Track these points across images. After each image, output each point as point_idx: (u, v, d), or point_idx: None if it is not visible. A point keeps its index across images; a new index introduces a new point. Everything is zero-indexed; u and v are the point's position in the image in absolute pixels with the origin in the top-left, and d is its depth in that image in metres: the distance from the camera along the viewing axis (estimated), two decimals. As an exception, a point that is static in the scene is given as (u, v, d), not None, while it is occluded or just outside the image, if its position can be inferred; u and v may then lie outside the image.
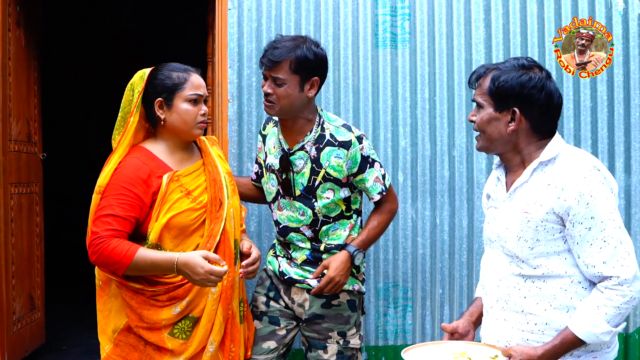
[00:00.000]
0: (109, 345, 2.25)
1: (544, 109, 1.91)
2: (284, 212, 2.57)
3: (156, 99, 2.26)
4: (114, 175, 2.20)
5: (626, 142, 3.47)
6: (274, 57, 2.39)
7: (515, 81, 1.89)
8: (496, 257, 2.00)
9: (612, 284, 1.80)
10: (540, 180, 1.91)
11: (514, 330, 1.93)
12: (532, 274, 1.91)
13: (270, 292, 2.62)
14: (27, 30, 3.83)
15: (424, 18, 3.43)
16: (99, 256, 2.10)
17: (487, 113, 1.94)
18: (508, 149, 1.97)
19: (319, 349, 2.56)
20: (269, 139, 2.63)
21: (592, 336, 1.80)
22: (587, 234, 1.82)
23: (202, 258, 2.07)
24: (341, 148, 2.50)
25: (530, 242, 1.89)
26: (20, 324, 3.73)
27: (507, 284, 1.95)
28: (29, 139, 3.89)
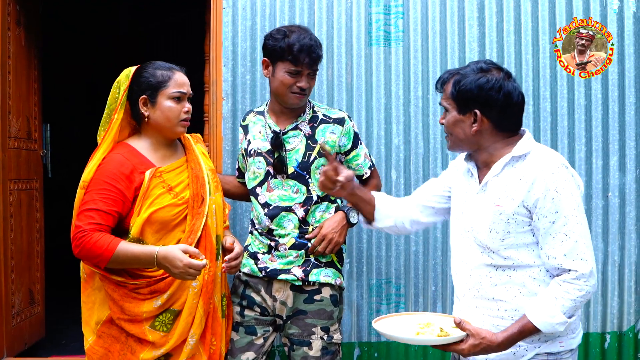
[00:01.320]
0: (92, 337, 2.30)
1: (504, 108, 2.00)
2: (275, 192, 2.59)
3: (140, 96, 2.30)
4: (98, 171, 2.24)
5: (621, 140, 3.46)
6: (318, 55, 2.55)
7: (474, 84, 1.99)
8: (467, 247, 2.08)
9: (570, 277, 1.90)
10: (511, 174, 1.99)
11: (485, 316, 2.03)
12: (502, 264, 2.00)
13: (244, 300, 2.62)
14: (27, 29, 3.88)
15: (417, 16, 3.44)
16: (82, 249, 2.15)
17: (452, 116, 2.05)
18: (474, 148, 2.07)
19: (304, 346, 2.57)
20: (252, 127, 2.71)
21: (549, 326, 1.90)
22: (550, 227, 1.92)
23: (181, 252, 2.11)
24: (336, 124, 2.64)
25: (502, 234, 1.98)
26: (20, 318, 3.78)
27: (478, 273, 2.04)
28: (28, 136, 3.94)
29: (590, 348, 3.46)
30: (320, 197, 2.61)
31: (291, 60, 2.49)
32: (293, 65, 2.50)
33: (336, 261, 2.66)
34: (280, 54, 2.52)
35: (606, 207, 3.46)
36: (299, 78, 2.52)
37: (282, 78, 2.53)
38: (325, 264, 2.62)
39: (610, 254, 3.45)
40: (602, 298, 3.46)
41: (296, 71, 2.51)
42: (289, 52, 2.49)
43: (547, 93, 3.45)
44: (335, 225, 2.56)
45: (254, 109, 2.83)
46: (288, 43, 2.49)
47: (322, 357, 2.57)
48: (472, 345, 1.89)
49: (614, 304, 3.46)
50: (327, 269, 2.62)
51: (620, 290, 3.46)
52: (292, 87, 2.53)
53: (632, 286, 3.46)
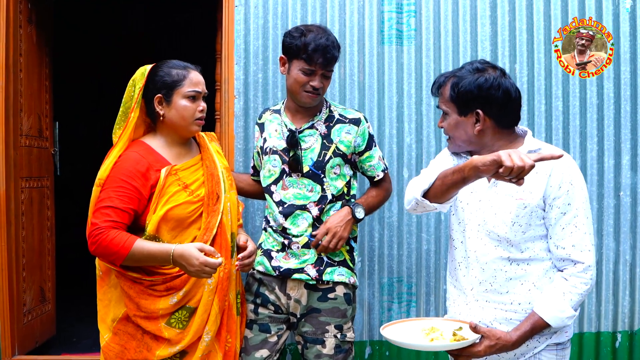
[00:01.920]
0: (108, 334, 2.30)
1: (504, 105, 2.03)
2: (290, 190, 2.60)
3: (156, 95, 2.31)
4: (114, 169, 2.25)
5: (633, 139, 3.46)
6: (333, 56, 2.55)
7: (473, 85, 2.00)
8: (479, 240, 2.08)
9: (576, 271, 1.96)
10: None
11: (497, 310, 2.05)
12: (518, 257, 2.03)
13: (258, 298, 2.62)
14: (38, 27, 3.88)
15: (429, 15, 3.44)
16: (98, 246, 2.16)
17: (453, 118, 2.06)
18: (478, 147, 2.08)
19: (317, 344, 2.57)
20: (268, 125, 2.72)
21: (559, 320, 1.96)
22: (561, 217, 1.97)
23: (197, 250, 2.12)
24: (352, 124, 2.65)
25: (524, 226, 2.01)
26: (31, 316, 3.79)
27: (492, 266, 2.05)
28: (40, 134, 3.95)
29: (602, 347, 3.45)
30: (335, 196, 2.62)
31: (305, 59, 2.50)
32: (307, 64, 2.51)
33: (349, 260, 2.66)
34: (295, 52, 2.53)
35: (618, 207, 3.45)
36: (312, 77, 2.53)
37: (296, 76, 2.54)
38: (338, 263, 2.62)
39: (621, 253, 3.45)
40: (614, 297, 3.45)
41: (310, 70, 2.52)
42: (304, 50, 2.50)
43: (559, 92, 3.44)
44: (339, 220, 2.57)
45: (271, 107, 2.84)
46: (304, 42, 2.50)
47: (335, 355, 2.58)
48: (488, 346, 1.91)
49: (625, 303, 3.46)
50: (341, 268, 2.62)
51: (631, 289, 3.46)
52: (305, 85, 2.54)
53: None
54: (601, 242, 3.45)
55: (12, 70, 3.53)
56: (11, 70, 3.52)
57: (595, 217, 3.44)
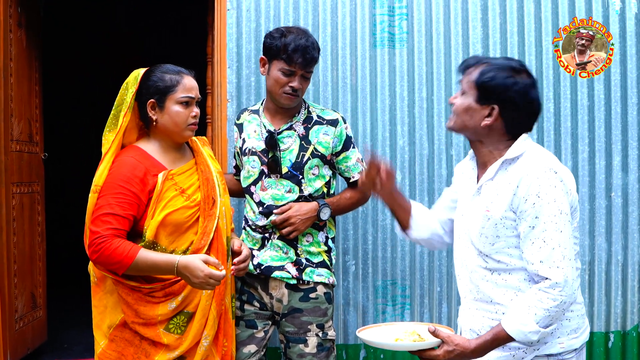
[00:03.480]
0: (104, 341, 2.28)
1: (522, 113, 1.98)
2: (269, 190, 2.62)
3: (149, 100, 2.29)
4: (111, 174, 2.23)
5: (623, 140, 3.48)
6: (313, 56, 2.55)
7: (501, 81, 1.94)
8: (466, 249, 2.08)
9: (544, 286, 1.86)
10: (503, 178, 1.97)
11: (485, 319, 2.02)
12: (496, 267, 1.99)
13: (243, 295, 2.65)
14: (28, 31, 3.86)
15: (421, 18, 3.45)
16: (100, 255, 2.13)
17: (468, 102, 2.00)
18: (476, 139, 2.04)
19: (300, 343, 2.61)
20: (247, 126, 2.73)
21: (521, 334, 1.85)
22: (530, 232, 1.89)
23: (202, 262, 2.11)
24: (329, 125, 2.66)
25: (491, 238, 1.97)
26: (23, 322, 3.76)
27: (476, 276, 2.04)
28: (30, 139, 3.92)
29: (594, 347, 3.48)
30: (314, 196, 2.64)
31: (285, 60, 2.51)
32: (287, 64, 2.52)
33: (327, 261, 2.70)
34: (275, 52, 2.54)
35: (609, 207, 3.48)
36: (292, 78, 2.54)
37: (276, 77, 2.55)
38: (316, 265, 2.66)
39: (613, 253, 3.47)
40: (606, 297, 3.48)
41: (289, 71, 2.53)
42: (283, 51, 2.51)
43: (550, 94, 3.46)
44: (302, 213, 2.57)
45: (249, 107, 2.86)
46: (284, 42, 2.51)
47: (318, 353, 2.62)
48: (447, 351, 1.87)
49: (617, 304, 3.48)
50: (320, 269, 2.66)
51: (623, 289, 3.48)
52: (284, 87, 2.55)
53: (636, 285, 3.48)
54: (593, 243, 3.47)
55: (2, 74, 3.51)
56: (1, 75, 3.50)
57: (587, 218, 3.46)
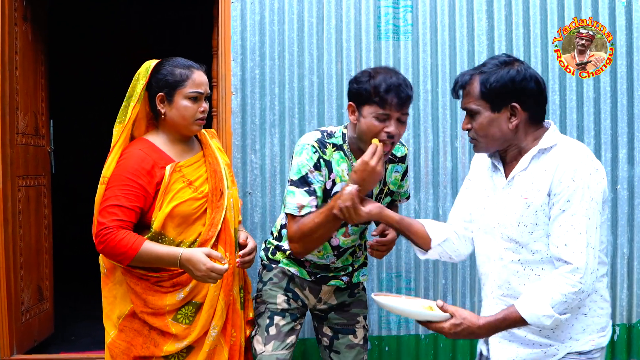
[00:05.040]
0: (114, 331, 2.30)
1: (537, 96, 1.96)
2: (352, 236, 2.53)
3: (158, 93, 2.30)
4: (118, 166, 2.24)
5: (629, 133, 3.47)
6: (408, 95, 2.29)
7: (506, 78, 1.93)
8: (494, 244, 2.03)
9: (565, 271, 1.84)
10: (537, 167, 1.95)
11: None
12: (530, 259, 1.95)
13: (289, 292, 2.57)
14: (33, 24, 3.86)
15: (426, 10, 3.44)
16: (106, 246, 2.16)
17: (486, 116, 1.96)
18: (508, 144, 2.00)
19: (349, 334, 2.62)
20: (338, 165, 2.41)
21: (534, 317, 1.84)
22: (559, 214, 1.88)
23: (204, 255, 2.13)
24: (400, 163, 2.58)
25: (530, 226, 1.93)
26: (29, 315, 3.78)
27: (507, 271, 1.99)
28: (36, 132, 3.93)
29: (600, 340, 3.47)
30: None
31: (378, 103, 2.25)
32: (380, 107, 2.25)
33: (365, 259, 2.73)
34: (366, 96, 2.28)
35: (615, 200, 3.47)
36: (387, 123, 2.27)
37: (369, 124, 2.27)
38: (360, 265, 2.69)
39: (619, 246, 3.46)
40: (612, 290, 3.46)
41: (384, 115, 2.26)
42: (374, 93, 2.25)
43: (555, 86, 3.45)
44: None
45: (326, 137, 2.43)
46: (374, 84, 2.26)
47: (364, 344, 2.65)
48: (453, 324, 1.87)
49: (623, 296, 3.47)
50: (363, 269, 2.71)
51: (629, 282, 3.47)
52: (380, 134, 2.27)
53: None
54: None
55: (7, 68, 3.51)
56: (7, 68, 3.50)
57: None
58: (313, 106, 3.42)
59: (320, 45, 3.42)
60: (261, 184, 3.41)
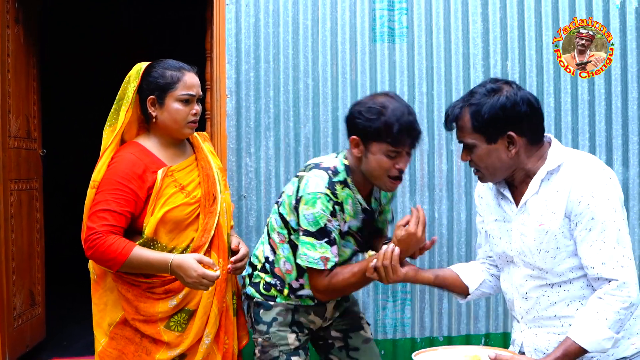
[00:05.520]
0: (105, 339, 2.26)
1: (532, 119, 1.90)
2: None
3: (149, 96, 2.26)
4: (109, 170, 2.20)
5: (624, 135, 3.48)
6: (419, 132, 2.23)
7: (496, 107, 1.86)
8: (517, 270, 1.98)
9: (610, 288, 1.78)
10: (549, 189, 1.90)
11: (551, 335, 1.93)
12: (557, 281, 1.90)
13: (294, 326, 2.45)
14: (26, 27, 3.83)
15: (421, 12, 3.44)
16: (95, 252, 2.12)
17: (483, 149, 1.91)
18: (512, 171, 1.95)
19: (360, 330, 2.57)
20: (347, 204, 2.32)
21: (594, 344, 1.77)
22: (587, 235, 1.82)
23: (196, 261, 2.09)
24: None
25: (552, 251, 1.88)
26: (21, 320, 3.74)
27: (534, 294, 1.94)
28: (28, 135, 3.90)
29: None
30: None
31: (390, 142, 2.17)
32: (392, 146, 2.17)
33: None
34: (375, 134, 2.18)
35: (610, 202, 3.46)
36: (398, 159, 2.21)
37: (379, 161, 2.20)
38: None
39: (614, 248, 3.46)
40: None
41: (395, 152, 2.19)
42: (386, 133, 2.15)
43: (550, 89, 3.46)
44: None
45: (332, 175, 2.29)
46: (385, 122, 2.15)
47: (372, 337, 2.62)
48: None
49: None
50: None
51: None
52: (390, 170, 2.21)
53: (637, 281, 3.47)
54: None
55: None
56: (-2, 71, 3.48)
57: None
58: (308, 109, 3.41)
59: (315, 48, 3.41)
60: (256, 188, 3.39)
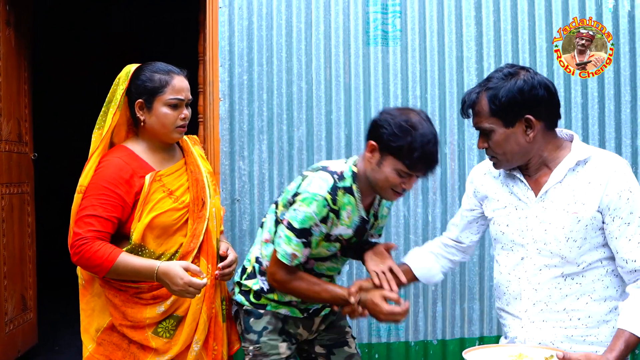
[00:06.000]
0: (92, 345, 2.23)
1: (549, 103, 1.90)
2: (327, 264, 2.40)
3: (137, 99, 2.23)
4: (96, 175, 2.17)
5: (617, 138, 3.48)
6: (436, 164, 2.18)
7: (514, 91, 1.86)
8: (529, 261, 1.97)
9: None
10: (576, 180, 1.90)
11: (556, 329, 1.94)
12: (573, 272, 1.91)
13: (285, 335, 2.43)
14: (17, 30, 3.81)
15: (414, 15, 3.43)
16: (81, 258, 2.09)
17: (500, 133, 1.90)
18: (531, 156, 1.94)
19: (344, 346, 2.52)
20: (344, 210, 2.26)
21: None
22: (626, 229, 1.84)
23: (182, 269, 2.06)
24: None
25: (580, 241, 1.88)
26: (13, 325, 3.72)
27: (546, 286, 1.94)
28: (19, 139, 3.88)
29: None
30: None
31: (407, 164, 2.12)
32: (407, 168, 2.13)
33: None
34: (396, 150, 2.13)
35: (604, 205, 3.47)
36: (407, 180, 2.17)
37: (389, 175, 2.16)
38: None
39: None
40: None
41: (407, 174, 2.15)
42: (407, 155, 2.11)
43: (544, 92, 3.45)
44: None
45: (338, 181, 2.22)
46: (409, 144, 2.09)
47: (358, 353, 2.56)
48: None
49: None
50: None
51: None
52: (397, 186, 2.18)
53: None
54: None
55: (-10, 74, 3.47)
56: (-11, 74, 3.46)
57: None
58: (302, 112, 3.40)
59: (308, 51, 3.40)
60: (249, 191, 3.38)
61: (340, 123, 3.39)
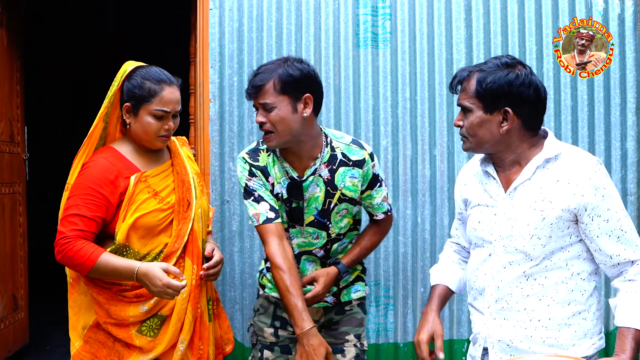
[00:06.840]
0: (79, 342, 2.26)
1: (534, 104, 1.90)
2: (295, 240, 2.41)
3: (125, 102, 2.24)
4: (81, 175, 2.19)
5: (606, 141, 3.49)
6: (257, 82, 2.23)
7: (503, 80, 1.86)
8: (494, 259, 1.97)
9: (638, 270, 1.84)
10: (545, 177, 1.90)
11: (517, 328, 1.94)
12: (535, 271, 1.91)
13: (276, 321, 2.47)
14: (9, 30, 3.82)
15: (404, 18, 3.45)
16: (64, 256, 2.12)
17: (477, 116, 1.91)
18: (500, 149, 1.95)
19: (337, 354, 2.47)
20: (271, 169, 2.37)
21: None
22: (605, 226, 1.85)
23: (161, 271, 2.08)
24: (356, 167, 2.37)
25: (544, 239, 1.88)
26: (4, 324, 3.72)
27: (509, 284, 1.94)
28: (11, 139, 3.88)
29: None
30: (342, 233, 2.45)
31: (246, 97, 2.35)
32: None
33: (361, 274, 2.56)
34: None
35: (592, 208, 3.48)
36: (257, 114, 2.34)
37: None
38: (353, 281, 2.53)
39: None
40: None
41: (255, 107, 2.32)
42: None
43: (533, 94, 3.46)
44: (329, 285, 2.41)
45: (260, 145, 2.39)
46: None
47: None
48: None
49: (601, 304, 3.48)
50: (356, 284, 2.53)
51: (607, 289, 3.49)
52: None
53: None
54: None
55: (-19, 74, 3.47)
56: (-20, 75, 3.47)
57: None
58: (291, 114, 3.40)
59: (299, 53, 3.41)
60: (239, 192, 3.39)
61: (330, 124, 3.40)
